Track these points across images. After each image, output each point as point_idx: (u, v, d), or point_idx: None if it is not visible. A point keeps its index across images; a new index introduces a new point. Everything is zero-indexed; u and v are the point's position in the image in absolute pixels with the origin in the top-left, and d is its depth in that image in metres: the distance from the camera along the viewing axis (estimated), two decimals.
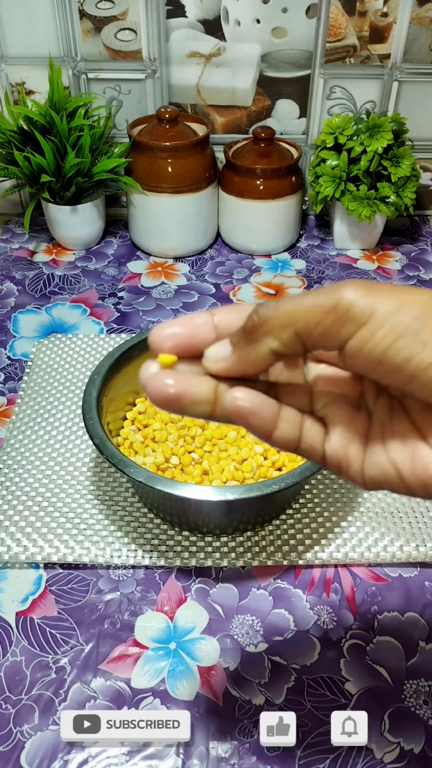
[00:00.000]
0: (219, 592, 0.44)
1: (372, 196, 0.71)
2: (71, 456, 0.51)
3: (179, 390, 0.21)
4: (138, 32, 0.72)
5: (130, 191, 0.74)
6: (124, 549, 0.45)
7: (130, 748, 0.37)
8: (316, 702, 0.39)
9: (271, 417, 0.22)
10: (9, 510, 0.47)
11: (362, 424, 0.22)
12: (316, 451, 0.23)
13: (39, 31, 0.72)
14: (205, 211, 0.75)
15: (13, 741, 0.37)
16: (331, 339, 0.19)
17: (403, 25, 0.71)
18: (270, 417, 0.22)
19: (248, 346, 0.21)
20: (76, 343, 0.62)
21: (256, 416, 0.21)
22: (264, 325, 0.20)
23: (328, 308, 0.19)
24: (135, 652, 0.41)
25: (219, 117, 0.78)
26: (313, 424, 0.23)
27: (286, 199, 0.74)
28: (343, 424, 0.22)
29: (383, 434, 0.22)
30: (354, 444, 0.22)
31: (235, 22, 0.71)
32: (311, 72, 0.74)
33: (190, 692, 0.39)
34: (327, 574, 0.45)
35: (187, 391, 0.21)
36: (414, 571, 0.45)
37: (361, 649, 0.41)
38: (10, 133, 0.70)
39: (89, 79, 0.75)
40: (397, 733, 0.37)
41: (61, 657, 0.40)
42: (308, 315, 0.19)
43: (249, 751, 0.37)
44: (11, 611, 0.43)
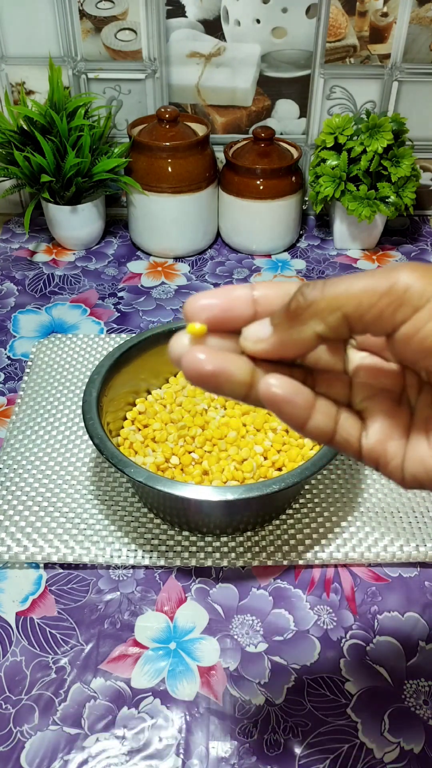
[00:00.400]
0: (219, 592, 0.44)
1: (372, 196, 0.71)
2: (71, 456, 0.51)
3: (216, 368, 0.20)
4: (138, 32, 0.72)
5: (130, 191, 0.74)
6: (124, 549, 0.45)
7: (131, 748, 0.37)
8: (316, 702, 0.39)
9: (305, 406, 0.21)
10: (9, 510, 0.47)
11: (404, 420, 0.22)
12: (352, 445, 0.22)
13: (39, 31, 0.72)
14: (205, 211, 0.75)
15: (13, 741, 0.37)
16: (384, 323, 0.19)
17: (403, 25, 0.70)
18: (304, 406, 0.21)
19: (291, 328, 0.20)
20: (76, 343, 0.62)
21: (290, 405, 0.21)
22: (311, 306, 0.19)
23: (383, 291, 0.18)
24: (135, 652, 0.41)
25: (219, 117, 0.78)
26: (349, 417, 0.22)
27: (286, 199, 0.74)
28: (383, 419, 0.21)
29: (428, 430, 0.21)
30: (394, 440, 0.21)
31: (235, 22, 0.71)
32: (311, 72, 0.74)
33: (190, 692, 0.39)
34: (327, 574, 0.45)
35: (224, 369, 0.20)
36: (414, 571, 0.45)
37: (361, 649, 0.41)
38: (10, 133, 0.70)
39: (89, 79, 0.75)
40: (397, 733, 0.37)
41: (61, 657, 0.40)
42: (361, 297, 0.18)
43: (249, 751, 0.37)
44: (11, 611, 0.43)
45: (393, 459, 0.21)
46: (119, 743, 0.37)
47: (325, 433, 0.21)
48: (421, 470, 0.21)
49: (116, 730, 0.37)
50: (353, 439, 0.22)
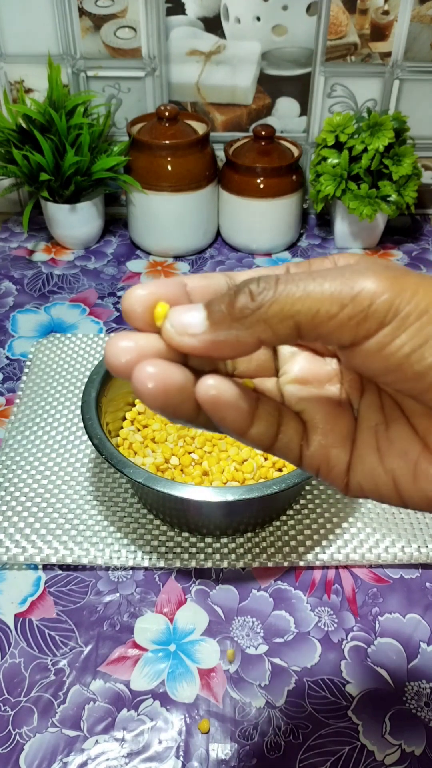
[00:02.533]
0: (219, 593, 0.44)
1: (373, 194, 0.71)
2: (70, 456, 0.51)
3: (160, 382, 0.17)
4: (137, 30, 0.71)
5: (129, 190, 0.74)
6: (124, 550, 0.45)
7: (130, 750, 0.36)
8: (317, 704, 0.38)
9: (249, 410, 0.18)
10: (8, 511, 0.47)
11: (347, 425, 0.20)
12: (292, 451, 0.20)
13: (38, 29, 0.71)
14: (205, 209, 0.75)
15: (12, 743, 0.37)
16: (342, 336, 0.16)
17: (404, 23, 0.70)
18: (249, 410, 0.18)
19: (231, 329, 0.17)
20: (75, 343, 0.62)
21: (234, 410, 0.18)
22: (259, 310, 0.16)
23: (345, 300, 0.16)
24: (134, 654, 0.41)
25: (219, 115, 0.77)
26: (291, 421, 0.20)
27: (286, 197, 0.74)
28: (325, 424, 0.20)
29: (377, 440, 0.19)
30: (336, 447, 0.20)
31: (235, 20, 0.71)
32: (312, 70, 0.74)
33: (190, 694, 0.39)
34: (328, 575, 0.45)
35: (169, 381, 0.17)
36: (415, 572, 0.45)
37: (362, 651, 0.41)
38: (9, 132, 0.70)
39: (88, 77, 0.75)
40: (398, 735, 0.37)
41: (60, 659, 0.40)
42: (318, 306, 0.16)
43: (249, 753, 0.36)
44: (10, 613, 0.42)
45: (335, 466, 0.20)
46: (119, 745, 0.37)
47: (267, 440, 0.19)
48: (369, 483, 0.19)
49: (116, 732, 0.37)
50: (294, 446, 0.20)
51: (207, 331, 0.17)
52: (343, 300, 0.16)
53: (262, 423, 0.19)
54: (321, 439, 0.20)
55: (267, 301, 0.16)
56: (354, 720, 0.38)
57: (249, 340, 0.17)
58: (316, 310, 0.16)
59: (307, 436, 0.20)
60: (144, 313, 0.18)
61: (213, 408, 0.18)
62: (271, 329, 0.17)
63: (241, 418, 0.18)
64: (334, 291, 0.16)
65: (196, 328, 0.17)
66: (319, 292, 0.16)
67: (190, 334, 0.17)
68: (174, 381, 0.17)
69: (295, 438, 0.20)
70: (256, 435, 0.19)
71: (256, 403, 0.19)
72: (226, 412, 0.18)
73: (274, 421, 0.19)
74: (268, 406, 0.19)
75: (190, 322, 0.17)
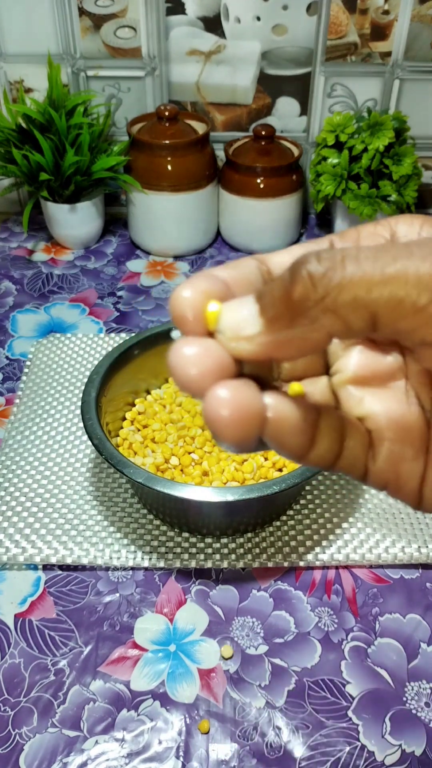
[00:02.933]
0: (219, 593, 0.44)
1: (373, 194, 0.71)
2: (70, 456, 0.51)
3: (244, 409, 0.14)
4: (137, 30, 0.71)
5: (129, 190, 0.74)
6: (124, 550, 0.45)
7: (130, 750, 0.36)
8: (317, 704, 0.38)
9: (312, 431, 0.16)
10: (7, 511, 0.47)
11: (419, 431, 0.17)
12: (357, 468, 0.17)
13: (38, 29, 0.71)
14: (205, 209, 0.75)
15: (12, 743, 0.37)
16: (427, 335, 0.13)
17: (405, 22, 0.70)
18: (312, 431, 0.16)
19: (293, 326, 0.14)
20: (75, 343, 0.62)
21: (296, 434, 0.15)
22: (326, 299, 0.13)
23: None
24: (134, 654, 0.40)
25: (219, 115, 0.77)
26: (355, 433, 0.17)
27: (286, 197, 0.74)
28: (393, 433, 0.16)
29: None
30: (408, 461, 0.16)
31: (235, 20, 0.71)
32: (312, 70, 0.74)
33: (189, 694, 0.39)
34: (328, 575, 0.45)
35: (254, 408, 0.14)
36: (416, 572, 0.45)
37: (363, 651, 0.41)
38: (9, 131, 0.70)
39: (88, 76, 0.75)
40: (398, 735, 0.37)
41: (60, 659, 0.40)
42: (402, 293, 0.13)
43: (249, 754, 0.36)
44: (10, 613, 0.42)
45: (408, 482, 0.17)
46: (118, 746, 0.37)
47: (329, 461, 0.16)
48: None
49: (115, 732, 0.37)
50: (360, 462, 0.17)
51: (264, 330, 0.14)
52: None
53: (324, 442, 0.16)
54: (390, 450, 0.16)
55: (334, 286, 0.13)
56: (354, 720, 0.38)
57: (316, 337, 0.14)
58: (399, 299, 0.13)
59: (374, 448, 0.17)
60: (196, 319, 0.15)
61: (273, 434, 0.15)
62: (341, 321, 0.13)
63: (303, 441, 0.15)
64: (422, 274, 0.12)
65: (249, 328, 0.14)
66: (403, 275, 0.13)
67: (245, 338, 0.14)
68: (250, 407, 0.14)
69: (361, 453, 0.17)
70: (318, 456, 0.16)
71: (317, 420, 0.16)
72: (286, 437, 0.15)
73: (337, 436, 0.16)
74: (329, 419, 0.16)
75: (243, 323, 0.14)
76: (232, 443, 0.15)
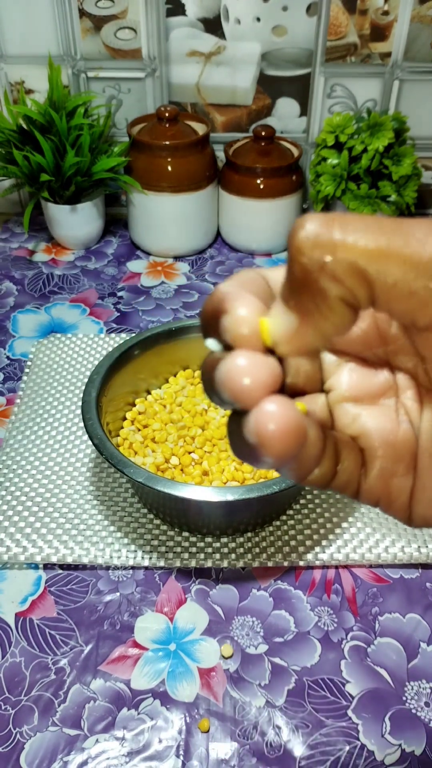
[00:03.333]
0: (219, 593, 0.44)
1: (373, 195, 0.71)
2: (71, 456, 0.51)
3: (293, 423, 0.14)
4: (138, 31, 0.72)
5: (129, 190, 0.74)
6: (124, 550, 0.45)
7: (130, 749, 0.36)
8: (317, 704, 0.39)
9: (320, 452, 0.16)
10: (8, 510, 0.47)
11: (408, 449, 0.17)
12: (351, 486, 0.17)
13: (38, 30, 0.71)
14: (205, 210, 0.75)
15: (13, 742, 0.37)
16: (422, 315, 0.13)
17: (404, 23, 0.70)
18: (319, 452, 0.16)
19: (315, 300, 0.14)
20: (76, 343, 0.62)
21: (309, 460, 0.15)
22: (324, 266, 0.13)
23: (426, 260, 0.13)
24: (135, 653, 0.41)
25: (219, 116, 0.78)
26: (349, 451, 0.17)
27: (286, 198, 0.74)
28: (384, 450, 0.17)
29: None
30: (398, 476, 0.17)
31: (235, 21, 0.71)
32: (312, 70, 0.74)
33: (190, 693, 0.39)
34: (328, 575, 0.45)
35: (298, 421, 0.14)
36: (415, 572, 0.45)
37: (362, 651, 0.41)
38: (10, 132, 0.70)
39: (89, 78, 0.75)
40: (398, 735, 0.37)
41: (60, 658, 0.40)
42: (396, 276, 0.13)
43: (249, 753, 0.36)
44: (10, 612, 0.42)
45: (398, 498, 0.17)
46: (119, 744, 0.37)
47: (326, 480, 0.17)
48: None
49: (116, 731, 0.37)
50: (353, 480, 0.17)
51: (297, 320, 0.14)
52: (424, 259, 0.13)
53: (326, 462, 0.16)
54: (381, 467, 0.17)
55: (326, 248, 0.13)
56: (354, 720, 0.38)
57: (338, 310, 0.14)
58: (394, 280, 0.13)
59: (366, 466, 0.17)
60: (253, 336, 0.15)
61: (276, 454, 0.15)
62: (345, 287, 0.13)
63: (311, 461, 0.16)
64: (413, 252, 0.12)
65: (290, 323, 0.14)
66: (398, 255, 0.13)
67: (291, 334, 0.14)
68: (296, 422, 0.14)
69: (355, 471, 0.17)
70: (315, 478, 0.16)
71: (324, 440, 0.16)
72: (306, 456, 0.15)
73: (334, 456, 0.17)
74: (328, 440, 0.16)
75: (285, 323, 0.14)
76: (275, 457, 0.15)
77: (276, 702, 0.39)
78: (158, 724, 0.37)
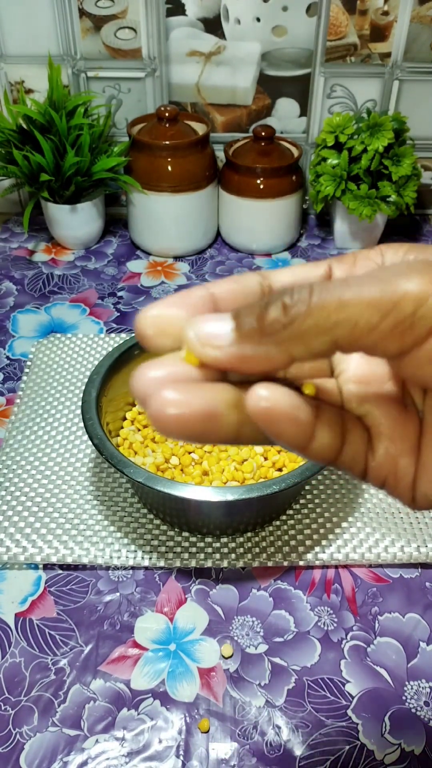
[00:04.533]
0: (219, 593, 0.44)
1: (373, 195, 0.71)
2: (70, 456, 0.51)
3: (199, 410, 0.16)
4: (138, 31, 0.72)
5: (129, 190, 0.74)
6: (124, 550, 0.45)
7: (130, 749, 0.36)
8: (317, 703, 0.39)
9: (309, 421, 0.16)
10: (8, 510, 0.47)
11: (414, 429, 0.18)
12: (358, 464, 0.18)
13: (38, 30, 0.71)
14: (205, 210, 0.75)
15: (13, 742, 0.37)
16: (387, 347, 0.15)
17: (404, 23, 0.70)
18: (308, 422, 0.16)
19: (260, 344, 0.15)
20: (76, 343, 0.62)
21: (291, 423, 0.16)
22: (292, 325, 0.15)
23: (386, 308, 0.14)
24: (135, 654, 0.41)
25: (219, 116, 0.78)
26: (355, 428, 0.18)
27: (286, 198, 0.74)
28: (391, 430, 0.18)
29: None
30: (405, 456, 0.17)
31: (235, 21, 0.71)
32: (312, 71, 0.74)
33: (190, 694, 0.39)
34: (328, 575, 0.45)
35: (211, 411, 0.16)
36: (415, 572, 0.45)
37: (362, 651, 0.41)
38: (9, 132, 0.70)
39: (89, 77, 0.75)
40: (397, 734, 0.37)
41: (60, 658, 0.40)
42: (357, 317, 0.14)
43: (249, 752, 0.36)
44: (10, 612, 0.42)
45: (403, 478, 0.18)
46: (119, 745, 0.37)
47: (331, 453, 0.17)
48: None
49: (116, 731, 0.37)
50: (360, 457, 0.18)
51: (233, 343, 0.16)
52: (383, 307, 0.14)
53: (325, 434, 0.17)
54: (388, 447, 0.18)
55: (300, 314, 0.15)
56: (354, 719, 0.38)
57: (280, 358, 0.15)
58: (354, 322, 0.14)
59: (372, 445, 0.18)
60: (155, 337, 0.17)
61: (267, 422, 0.16)
62: (304, 345, 0.15)
63: (300, 431, 0.16)
64: (372, 298, 0.14)
65: (221, 339, 0.16)
66: (357, 301, 0.14)
67: (214, 346, 0.16)
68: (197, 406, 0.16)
69: (361, 449, 0.18)
70: (319, 448, 0.17)
71: (316, 412, 0.17)
72: (283, 425, 0.16)
73: (338, 430, 0.17)
74: (330, 414, 0.17)
75: (216, 332, 0.16)
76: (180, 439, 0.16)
77: (276, 702, 0.39)
78: (158, 725, 0.37)
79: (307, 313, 0.15)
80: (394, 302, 0.14)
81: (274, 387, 0.16)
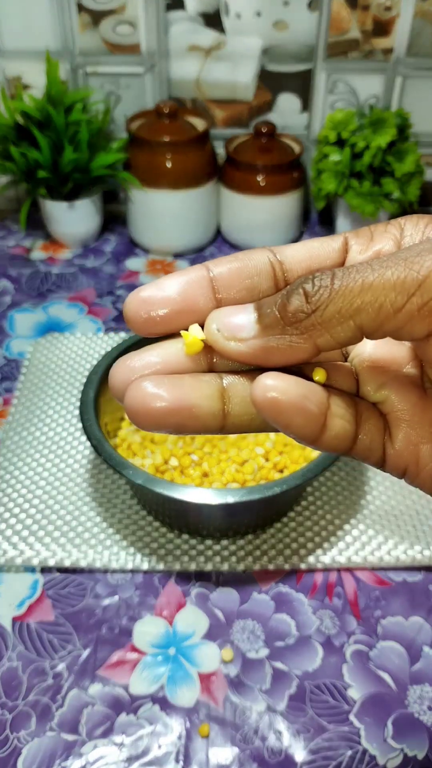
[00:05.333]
0: (219, 596, 0.43)
1: (376, 192, 0.70)
2: (68, 457, 0.51)
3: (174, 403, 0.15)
4: (137, 26, 0.71)
5: (128, 187, 0.73)
6: (123, 553, 0.44)
7: (129, 754, 0.36)
8: (319, 708, 0.38)
9: (319, 412, 0.16)
10: (5, 512, 0.46)
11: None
12: (374, 453, 0.17)
13: (36, 25, 0.71)
14: (205, 207, 0.74)
15: (10, 747, 0.36)
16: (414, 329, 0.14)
17: (407, 18, 0.69)
18: (319, 412, 0.16)
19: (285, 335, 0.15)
20: (74, 342, 0.62)
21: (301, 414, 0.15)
22: (315, 313, 0.14)
23: (411, 288, 0.14)
24: (133, 658, 0.40)
25: (219, 111, 0.77)
26: (371, 416, 0.17)
27: (287, 195, 0.73)
28: (411, 415, 0.17)
29: None
30: (426, 443, 0.17)
31: (235, 15, 0.70)
32: (313, 66, 0.73)
33: (189, 698, 0.38)
34: (329, 578, 0.44)
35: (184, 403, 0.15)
36: (418, 575, 0.45)
37: (364, 655, 0.40)
38: (7, 128, 0.69)
39: (87, 73, 0.74)
40: (400, 739, 0.37)
41: (58, 662, 0.40)
42: (381, 299, 0.14)
43: (250, 758, 0.36)
44: (7, 616, 0.42)
45: (427, 465, 0.17)
46: (117, 750, 0.36)
47: (345, 444, 0.17)
48: None
49: (114, 736, 0.37)
50: (377, 446, 0.17)
51: (257, 335, 0.15)
52: (408, 288, 0.14)
53: (337, 424, 0.16)
54: (408, 433, 0.17)
55: (323, 302, 0.14)
56: (356, 724, 0.37)
57: (305, 348, 0.15)
58: (379, 304, 0.14)
59: (390, 432, 0.17)
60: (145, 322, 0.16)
61: (275, 414, 0.15)
62: (329, 333, 0.15)
63: (311, 422, 0.16)
64: (397, 279, 0.14)
65: (245, 332, 0.15)
66: (380, 283, 0.14)
67: (238, 339, 0.15)
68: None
69: (378, 436, 0.17)
70: (333, 439, 0.16)
71: (327, 401, 0.16)
72: (292, 417, 0.15)
73: (352, 419, 0.17)
74: (342, 402, 0.17)
75: (239, 324, 0.15)
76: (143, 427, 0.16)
77: (277, 707, 0.38)
78: (157, 730, 0.37)
79: (329, 299, 0.14)
80: (419, 282, 0.14)
81: (281, 375, 0.15)
